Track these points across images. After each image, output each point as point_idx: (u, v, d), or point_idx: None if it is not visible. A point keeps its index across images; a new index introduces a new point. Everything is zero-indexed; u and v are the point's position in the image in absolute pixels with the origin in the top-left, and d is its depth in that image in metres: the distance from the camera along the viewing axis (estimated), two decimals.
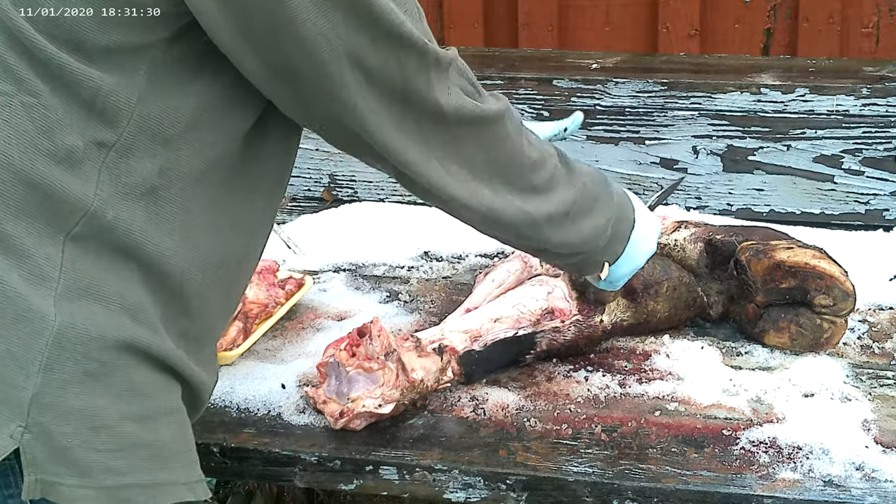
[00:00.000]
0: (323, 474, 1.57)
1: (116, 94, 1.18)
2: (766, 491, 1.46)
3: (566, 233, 1.46)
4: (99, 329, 1.20)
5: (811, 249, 1.77)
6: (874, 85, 2.15)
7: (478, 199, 1.38)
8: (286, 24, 1.14)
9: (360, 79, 1.20)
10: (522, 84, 2.27)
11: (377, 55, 1.20)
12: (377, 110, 1.24)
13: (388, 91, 1.23)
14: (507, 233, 1.45)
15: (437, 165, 1.32)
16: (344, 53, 1.17)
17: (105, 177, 1.20)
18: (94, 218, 1.19)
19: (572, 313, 1.73)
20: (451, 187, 1.35)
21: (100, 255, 1.21)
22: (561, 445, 1.56)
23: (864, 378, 1.70)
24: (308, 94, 1.21)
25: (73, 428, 1.18)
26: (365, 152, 1.31)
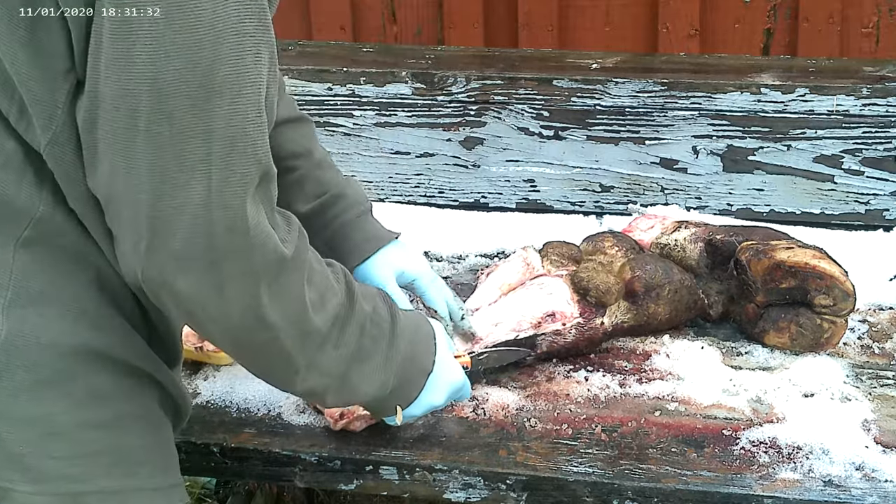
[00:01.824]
0: (323, 474, 1.57)
1: (41, 100, 1.16)
2: (766, 491, 1.46)
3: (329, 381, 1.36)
4: (51, 335, 1.19)
5: (811, 249, 1.77)
6: (874, 85, 2.15)
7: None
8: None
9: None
10: (522, 84, 2.27)
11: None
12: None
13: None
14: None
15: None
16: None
17: (48, 181, 1.19)
18: (42, 222, 1.19)
19: (574, 316, 1.72)
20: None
21: (55, 260, 1.20)
22: (561, 445, 1.56)
23: (864, 378, 1.70)
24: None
25: (25, 435, 1.18)
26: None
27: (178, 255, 1.16)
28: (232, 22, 1.11)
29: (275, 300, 1.22)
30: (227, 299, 1.20)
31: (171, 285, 1.18)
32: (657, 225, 1.95)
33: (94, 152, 1.16)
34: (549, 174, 2.30)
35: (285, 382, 1.34)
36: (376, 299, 1.40)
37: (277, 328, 1.24)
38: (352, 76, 2.32)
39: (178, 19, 1.09)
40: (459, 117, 2.30)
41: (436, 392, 1.48)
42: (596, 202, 2.29)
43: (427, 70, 2.32)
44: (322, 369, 1.32)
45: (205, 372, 1.74)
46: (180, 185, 1.13)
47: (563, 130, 2.27)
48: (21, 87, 1.16)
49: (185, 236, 1.15)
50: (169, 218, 1.15)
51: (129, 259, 1.18)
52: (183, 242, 1.15)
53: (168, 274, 1.17)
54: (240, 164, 1.15)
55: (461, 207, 2.34)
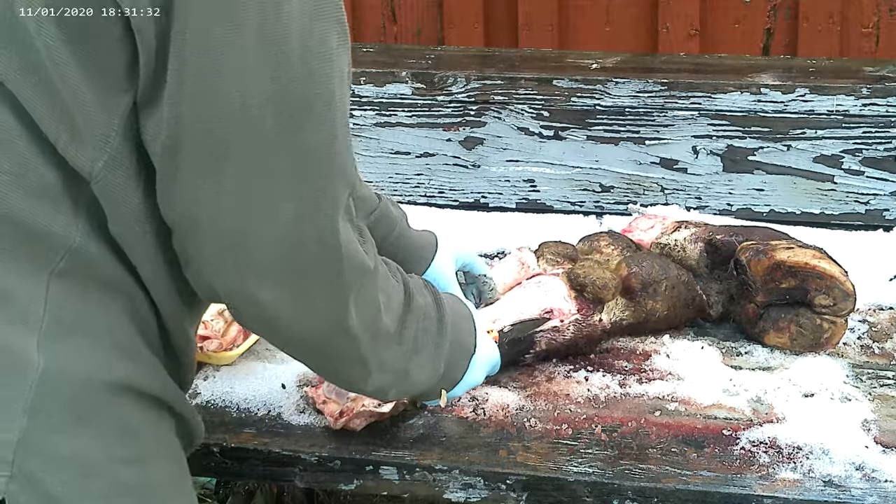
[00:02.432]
0: (323, 474, 1.57)
1: (96, 121, 1.13)
2: (766, 491, 1.46)
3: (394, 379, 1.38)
4: (87, 369, 1.16)
5: (811, 249, 1.77)
6: (874, 85, 2.15)
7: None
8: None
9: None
10: (522, 84, 2.27)
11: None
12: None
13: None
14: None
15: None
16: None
17: (83, 211, 1.16)
18: (77, 253, 1.16)
19: (571, 313, 1.73)
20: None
21: (86, 291, 1.17)
22: (561, 445, 1.56)
23: (864, 378, 1.70)
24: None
25: (63, 475, 1.14)
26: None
27: (266, 271, 1.16)
28: (318, 41, 1.11)
29: (358, 309, 1.24)
30: (313, 310, 1.21)
31: (256, 300, 1.18)
32: (657, 225, 1.95)
33: (173, 176, 1.13)
34: (549, 174, 2.30)
35: (356, 384, 1.36)
36: (423, 289, 1.42)
37: (358, 335, 1.25)
38: (352, 76, 2.32)
39: (265, 41, 1.08)
40: (459, 117, 2.30)
41: (476, 370, 1.51)
42: (596, 202, 2.29)
43: (427, 70, 2.32)
44: (390, 367, 1.34)
45: (205, 372, 1.74)
46: (271, 206, 1.13)
47: (563, 130, 2.27)
48: (76, 108, 1.12)
49: (274, 252, 1.15)
50: (258, 237, 1.14)
51: (210, 277, 1.17)
52: (272, 258, 1.15)
53: (253, 289, 1.17)
54: (331, 181, 1.15)
55: (461, 207, 2.34)
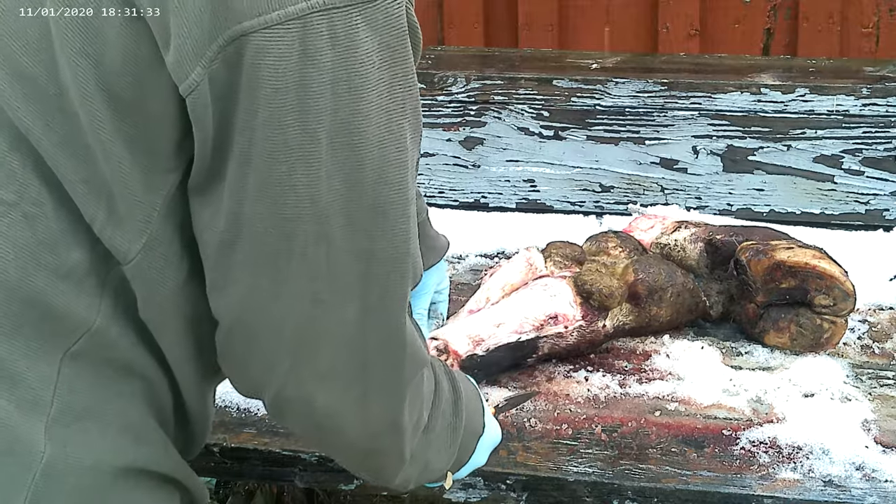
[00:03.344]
0: (323, 474, 1.57)
1: (138, 202, 1.06)
2: (766, 491, 1.46)
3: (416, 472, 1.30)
4: (94, 456, 1.10)
5: (811, 249, 1.77)
6: (874, 85, 2.15)
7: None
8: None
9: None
10: (522, 84, 2.27)
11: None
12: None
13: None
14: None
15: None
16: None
17: (109, 292, 1.10)
18: (96, 335, 1.09)
19: (576, 319, 1.72)
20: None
21: (99, 374, 1.11)
22: (561, 445, 1.56)
23: (864, 378, 1.70)
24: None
25: None
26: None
27: (326, 373, 1.11)
28: (393, 142, 1.04)
29: (411, 406, 1.19)
30: (368, 410, 1.15)
31: (312, 401, 1.12)
32: (657, 225, 1.94)
33: (225, 273, 1.08)
34: (549, 174, 2.30)
35: (387, 477, 1.27)
36: (442, 371, 1.33)
37: (405, 431, 1.20)
38: None
39: (340, 139, 1.01)
40: (459, 117, 2.30)
41: (482, 452, 1.41)
42: (596, 202, 2.29)
43: (427, 70, 2.32)
44: (417, 459, 1.26)
45: None
46: (335, 308, 1.08)
47: (563, 130, 2.27)
48: (116, 185, 1.05)
49: (335, 355, 1.10)
50: (320, 340, 1.09)
51: (260, 378, 1.13)
52: (332, 362, 1.10)
53: (309, 391, 1.12)
54: (399, 282, 1.10)
55: (461, 207, 2.34)
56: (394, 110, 1.04)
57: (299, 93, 0.99)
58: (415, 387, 1.19)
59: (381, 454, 1.23)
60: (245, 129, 1.01)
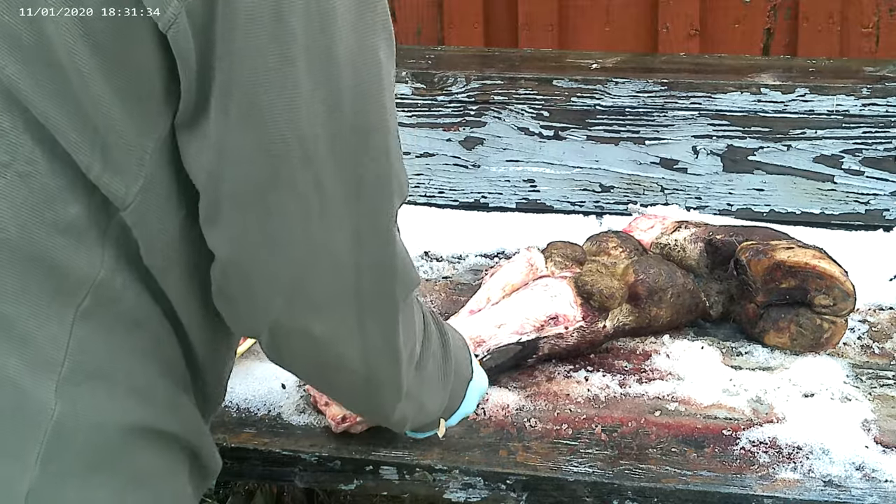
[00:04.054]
0: (323, 474, 1.57)
1: (131, 145, 1.08)
2: (766, 491, 1.46)
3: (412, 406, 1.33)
4: (102, 415, 1.12)
5: (811, 249, 1.77)
6: (874, 85, 2.15)
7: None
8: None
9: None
10: (522, 84, 2.27)
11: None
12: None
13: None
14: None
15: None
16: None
17: (111, 243, 1.10)
18: (101, 287, 1.10)
19: (576, 319, 1.72)
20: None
21: (110, 332, 1.12)
22: (561, 445, 1.56)
23: (864, 378, 1.70)
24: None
25: None
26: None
27: (321, 302, 1.12)
28: (368, 56, 1.06)
29: (404, 329, 1.20)
30: (365, 336, 1.16)
31: (309, 332, 1.13)
32: (657, 225, 1.95)
33: (216, 207, 1.08)
34: (549, 174, 2.30)
35: (384, 412, 1.30)
36: (429, 313, 1.35)
37: (402, 358, 1.21)
38: None
39: (316, 61, 1.03)
40: (459, 117, 2.30)
41: (471, 400, 1.46)
42: (596, 202, 2.29)
43: (427, 70, 2.32)
44: (413, 395, 1.28)
45: None
46: (325, 235, 1.09)
47: (563, 130, 2.27)
48: (110, 134, 1.06)
49: (329, 283, 1.11)
50: (312, 269, 1.10)
51: (257, 314, 1.13)
52: (328, 289, 1.11)
53: (306, 322, 1.13)
54: (385, 202, 1.11)
55: (461, 207, 2.34)
56: (365, 28, 1.06)
57: (273, 18, 1.01)
58: (407, 309, 1.20)
59: (381, 385, 1.24)
60: (224, 58, 1.02)
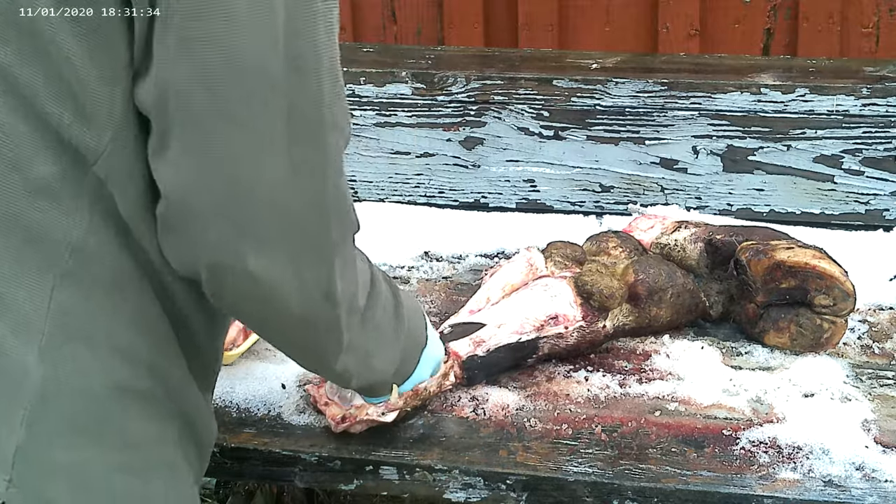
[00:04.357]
0: (323, 474, 1.57)
1: (99, 97, 1.10)
2: (766, 491, 1.46)
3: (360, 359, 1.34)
4: (87, 377, 1.14)
5: (811, 249, 1.77)
6: (874, 85, 2.15)
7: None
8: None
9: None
10: (522, 84, 2.27)
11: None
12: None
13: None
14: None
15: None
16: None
17: (85, 202, 1.12)
18: (80, 249, 1.12)
19: (576, 319, 1.72)
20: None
21: (90, 295, 1.14)
22: (561, 445, 1.56)
23: (864, 378, 1.70)
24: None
25: (59, 484, 1.13)
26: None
27: (256, 235, 1.12)
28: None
29: (343, 274, 1.20)
30: (301, 275, 1.16)
31: (244, 267, 1.13)
32: (657, 225, 1.95)
33: (161, 139, 1.10)
34: (549, 174, 2.30)
35: (325, 363, 1.31)
36: (381, 275, 1.37)
37: (340, 304, 1.21)
38: (352, 76, 2.32)
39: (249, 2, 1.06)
40: (459, 117, 2.30)
41: (425, 367, 1.47)
42: (596, 202, 2.29)
43: (427, 70, 2.32)
44: (357, 348, 1.30)
45: None
46: (260, 166, 1.10)
47: (563, 130, 2.27)
48: (77, 85, 1.08)
49: (264, 216, 1.12)
50: (248, 200, 1.10)
51: (195, 247, 1.13)
52: (263, 222, 1.12)
53: (241, 256, 1.12)
54: (321, 135, 1.13)
55: (461, 207, 2.34)
56: None
57: None
58: (347, 256, 1.21)
59: (319, 331, 1.24)
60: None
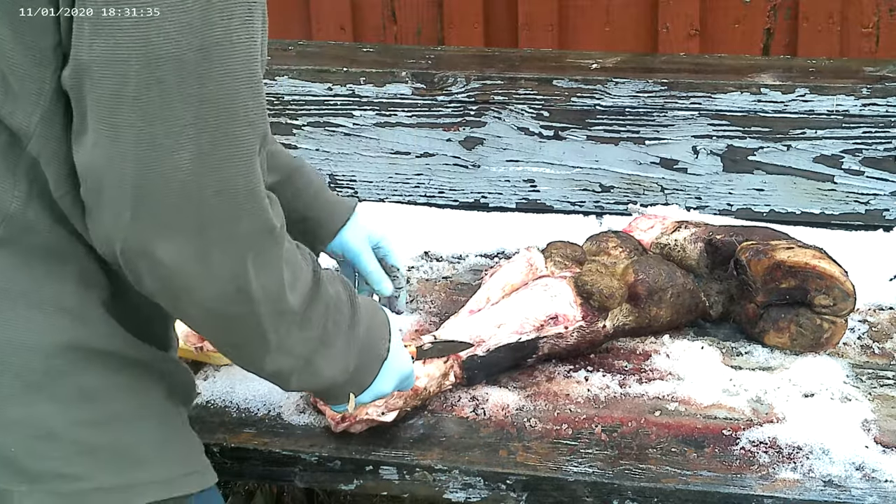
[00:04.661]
0: (323, 474, 1.57)
1: (29, 76, 1.14)
2: (766, 491, 1.46)
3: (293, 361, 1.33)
4: (36, 337, 1.18)
5: (811, 249, 1.77)
6: (874, 85, 2.15)
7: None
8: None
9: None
10: (522, 84, 2.27)
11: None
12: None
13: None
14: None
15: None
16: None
17: (21, 177, 1.17)
18: (15, 219, 1.17)
19: (576, 319, 1.72)
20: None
21: (28, 258, 1.19)
22: (561, 445, 1.56)
23: (864, 378, 1.70)
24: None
25: (14, 438, 1.18)
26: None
27: (163, 222, 1.14)
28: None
29: (259, 271, 1.20)
30: (210, 267, 1.17)
31: (152, 254, 1.15)
32: (657, 225, 1.95)
33: (80, 121, 1.13)
34: (549, 174, 2.30)
35: (254, 362, 1.31)
36: (337, 283, 1.38)
37: (257, 302, 1.22)
38: (352, 76, 2.32)
39: None
40: (459, 117, 2.30)
41: (387, 379, 1.46)
42: (596, 202, 2.29)
43: (427, 70, 2.32)
44: (291, 350, 1.29)
45: (205, 372, 1.74)
46: (168, 152, 1.11)
47: (563, 130, 2.27)
48: (6, 65, 1.13)
49: (172, 203, 1.13)
50: (156, 186, 1.12)
51: (108, 230, 1.16)
52: (170, 209, 1.13)
53: (150, 242, 1.14)
54: (231, 127, 1.13)
55: (461, 207, 2.34)
56: None
57: None
58: (263, 251, 1.20)
59: (237, 326, 1.24)
60: None
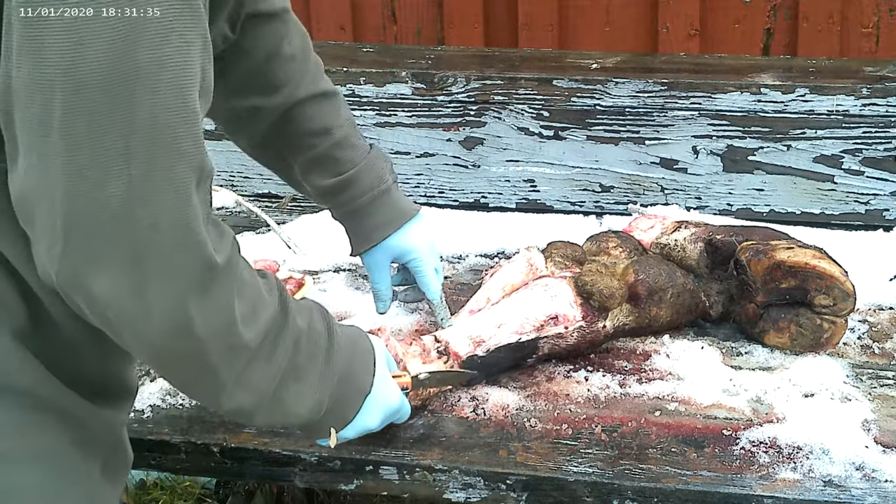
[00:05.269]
0: (323, 474, 1.57)
1: None
2: (766, 491, 1.46)
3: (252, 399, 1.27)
4: None
5: (811, 249, 1.77)
6: (874, 85, 2.15)
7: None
8: None
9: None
10: (522, 84, 2.27)
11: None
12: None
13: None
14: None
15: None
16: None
17: None
18: None
19: (576, 319, 1.72)
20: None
21: None
22: (561, 445, 1.56)
23: (864, 378, 1.70)
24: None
25: None
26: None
27: (94, 256, 1.09)
28: (150, 5, 1.05)
29: (202, 307, 1.15)
30: (147, 302, 1.12)
31: (88, 288, 1.10)
32: (657, 225, 1.95)
33: (11, 147, 1.09)
34: (549, 174, 2.30)
35: (210, 399, 1.26)
36: (312, 314, 1.33)
37: (203, 340, 1.16)
38: (352, 76, 2.32)
39: (92, 5, 1.03)
40: (459, 117, 2.31)
41: (371, 414, 1.42)
42: (596, 202, 2.29)
43: (427, 70, 2.32)
44: (251, 386, 1.24)
45: None
46: (98, 183, 1.06)
47: (563, 130, 2.27)
48: None
49: (104, 234, 1.08)
50: (85, 218, 1.07)
51: (43, 262, 1.12)
52: (100, 243, 1.08)
53: (83, 276, 1.10)
54: (163, 157, 1.08)
55: (461, 207, 2.34)
56: None
57: None
58: (204, 288, 1.15)
59: (187, 368, 1.20)
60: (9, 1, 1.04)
